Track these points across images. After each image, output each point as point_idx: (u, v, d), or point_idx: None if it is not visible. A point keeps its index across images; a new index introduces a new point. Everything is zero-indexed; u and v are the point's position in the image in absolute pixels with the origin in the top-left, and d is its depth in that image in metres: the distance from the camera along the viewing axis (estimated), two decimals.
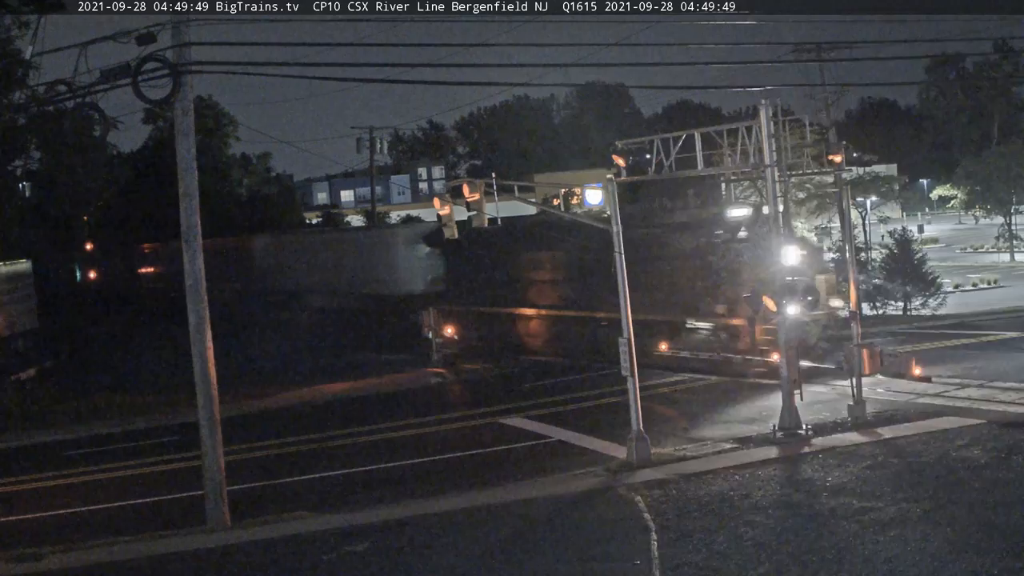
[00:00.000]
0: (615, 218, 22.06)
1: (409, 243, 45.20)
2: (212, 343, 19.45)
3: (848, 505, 17.06)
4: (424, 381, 34.82)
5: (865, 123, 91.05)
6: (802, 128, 34.06)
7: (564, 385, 31.52)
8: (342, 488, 21.78)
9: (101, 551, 18.10)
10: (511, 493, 19.93)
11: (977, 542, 14.84)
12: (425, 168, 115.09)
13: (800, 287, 22.63)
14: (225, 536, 18.61)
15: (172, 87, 18.59)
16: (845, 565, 14.41)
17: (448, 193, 23.35)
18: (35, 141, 37.71)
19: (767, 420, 23.33)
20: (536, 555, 16.07)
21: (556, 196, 26.87)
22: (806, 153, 26.97)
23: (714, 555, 15.27)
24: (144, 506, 21.60)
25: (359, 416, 29.49)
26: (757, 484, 18.92)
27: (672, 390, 29.32)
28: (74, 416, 31.73)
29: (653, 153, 25.23)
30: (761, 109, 22.90)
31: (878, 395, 25.83)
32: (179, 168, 19.24)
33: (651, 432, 21.86)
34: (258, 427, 28.72)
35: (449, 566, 15.85)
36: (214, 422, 19.39)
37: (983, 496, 17.01)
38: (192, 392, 19.83)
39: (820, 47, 54.41)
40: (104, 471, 24.89)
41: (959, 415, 23.14)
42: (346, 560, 16.58)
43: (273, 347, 42.83)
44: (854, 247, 24.45)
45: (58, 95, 21.47)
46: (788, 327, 22.78)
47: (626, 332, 21.65)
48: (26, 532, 20.00)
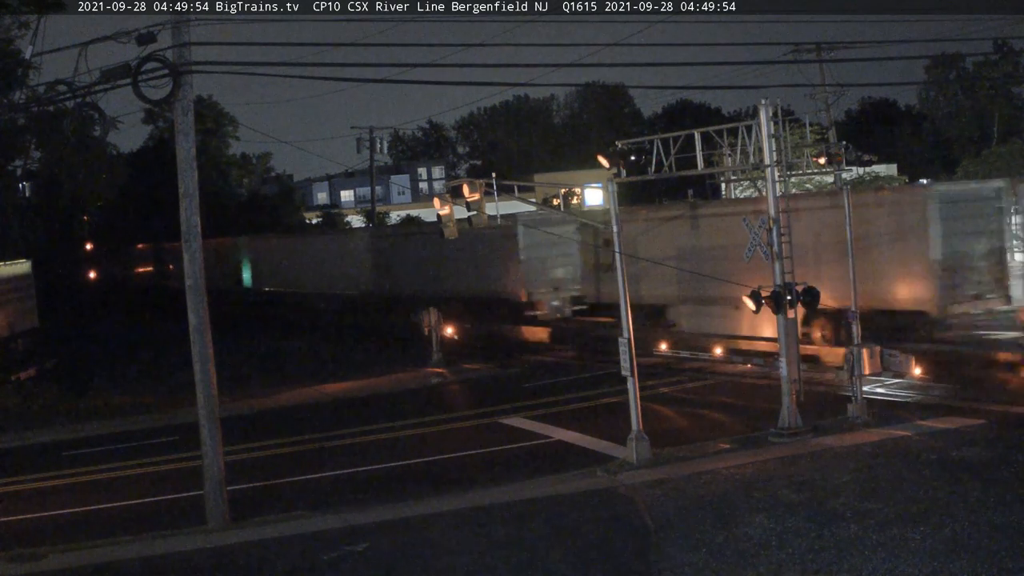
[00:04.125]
0: (615, 218, 22.08)
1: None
2: (211, 344, 19.47)
3: (848, 505, 17.06)
4: (424, 381, 34.81)
5: (865, 123, 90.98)
6: (802, 128, 34.13)
7: (564, 385, 31.51)
8: (342, 488, 21.78)
9: (101, 551, 18.10)
10: (511, 493, 19.93)
11: (977, 542, 14.84)
12: (425, 168, 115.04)
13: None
14: (225, 536, 18.61)
15: (172, 87, 18.61)
16: (845, 565, 14.42)
17: (448, 193, 23.30)
18: (35, 141, 37.69)
19: (767, 420, 23.32)
20: (536, 555, 16.07)
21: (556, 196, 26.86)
22: (806, 153, 26.95)
23: (714, 555, 15.28)
24: (144, 506, 21.59)
25: (359, 416, 29.49)
26: (757, 484, 18.92)
27: (672, 390, 29.31)
28: (74, 416, 31.71)
29: (653, 153, 25.24)
30: (761, 109, 22.90)
31: (878, 395, 25.86)
32: (179, 168, 19.24)
33: (651, 432, 21.86)
34: (258, 427, 28.72)
35: (449, 566, 15.86)
36: (214, 422, 19.41)
37: (983, 496, 17.01)
38: (192, 392, 19.84)
39: (820, 47, 54.48)
40: (104, 471, 24.89)
41: (959, 415, 23.17)
42: (346, 560, 16.59)
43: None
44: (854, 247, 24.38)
45: (58, 95, 21.51)
46: (789, 327, 22.80)
47: (626, 332, 21.65)
48: (26, 532, 20.00)
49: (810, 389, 25.40)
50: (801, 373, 24.00)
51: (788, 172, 26.91)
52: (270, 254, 61.13)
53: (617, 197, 22.88)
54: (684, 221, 34.07)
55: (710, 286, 29.51)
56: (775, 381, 24.10)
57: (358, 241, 54.36)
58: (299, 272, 56.07)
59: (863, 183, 47.98)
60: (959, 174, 50.99)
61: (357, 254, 51.63)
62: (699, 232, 33.68)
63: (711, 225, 33.48)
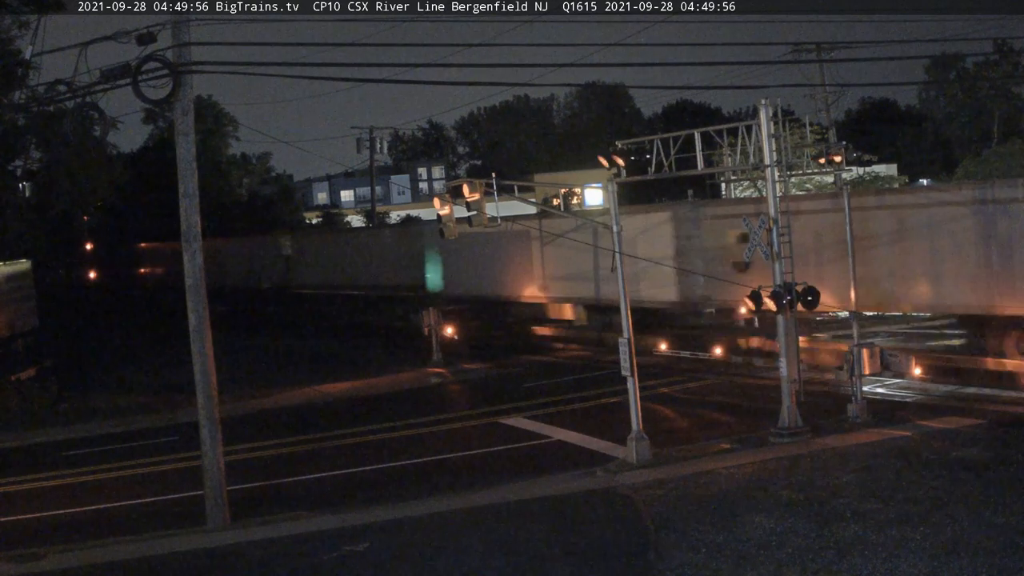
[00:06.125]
0: (615, 218, 22.07)
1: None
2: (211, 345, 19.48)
3: (848, 505, 17.05)
4: (424, 381, 34.82)
5: (865, 123, 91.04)
6: (802, 128, 34.10)
7: (564, 385, 31.51)
8: (342, 488, 21.79)
9: (101, 551, 18.10)
10: (511, 493, 19.93)
11: (977, 542, 14.84)
12: (425, 168, 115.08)
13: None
14: (225, 536, 18.62)
15: (172, 87, 18.63)
16: (845, 565, 14.41)
17: (448, 193, 23.27)
18: (35, 141, 37.67)
19: (767, 420, 23.33)
20: (536, 555, 16.07)
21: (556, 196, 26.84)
22: (806, 153, 26.95)
23: (714, 555, 15.27)
24: (144, 506, 21.59)
25: (359, 416, 29.49)
26: (757, 484, 18.91)
27: (672, 390, 29.31)
28: (74, 416, 31.72)
29: (653, 153, 25.25)
30: (761, 109, 22.90)
31: (878, 395, 25.86)
32: (179, 168, 19.24)
33: (651, 432, 21.86)
34: (258, 427, 28.72)
35: (449, 566, 15.85)
36: (214, 422, 19.41)
37: (983, 496, 17.01)
38: (192, 392, 19.85)
39: (820, 47, 54.53)
40: (104, 471, 24.89)
41: (959, 415, 23.17)
42: (346, 560, 16.58)
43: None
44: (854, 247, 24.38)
45: (58, 95, 21.54)
46: (788, 327, 22.81)
47: (626, 332, 21.66)
48: (26, 532, 20.01)
49: (810, 389, 25.42)
50: (801, 373, 24.02)
51: (788, 172, 26.93)
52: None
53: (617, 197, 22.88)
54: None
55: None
56: (774, 381, 24.11)
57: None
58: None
59: (863, 183, 47.94)
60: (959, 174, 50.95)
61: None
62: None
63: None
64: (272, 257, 58.07)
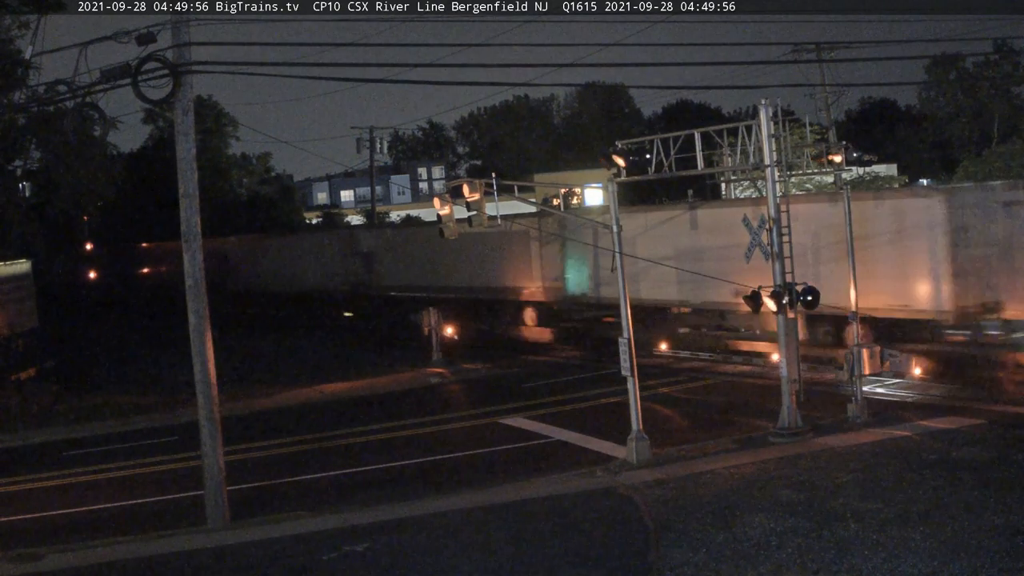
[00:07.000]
0: (614, 218, 22.07)
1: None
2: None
3: (848, 505, 17.06)
4: (424, 381, 34.82)
5: (865, 123, 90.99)
6: (802, 128, 34.08)
7: (564, 385, 31.50)
8: (342, 488, 21.79)
9: (101, 551, 18.11)
10: (511, 493, 19.93)
11: (977, 542, 14.84)
12: (425, 168, 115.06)
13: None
14: (225, 536, 18.62)
15: (172, 87, 18.63)
16: (845, 565, 14.42)
17: (448, 193, 23.27)
18: (35, 141, 37.67)
19: (767, 420, 23.33)
20: (536, 555, 16.07)
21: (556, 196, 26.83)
22: (806, 153, 26.94)
23: (714, 555, 15.27)
24: (144, 506, 21.60)
25: (359, 416, 29.49)
26: (757, 484, 18.92)
27: (672, 390, 29.31)
28: (74, 416, 31.72)
29: (653, 153, 25.24)
30: (761, 109, 22.90)
31: (878, 395, 25.86)
32: (179, 168, 19.26)
33: (651, 432, 21.86)
34: (258, 427, 28.72)
35: (449, 566, 15.85)
36: (214, 422, 19.42)
37: (983, 496, 17.01)
38: (192, 392, 19.85)
39: (820, 47, 54.50)
40: (104, 471, 24.90)
41: (959, 415, 23.17)
42: (346, 560, 16.59)
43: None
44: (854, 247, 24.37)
45: (58, 95, 21.51)
46: (789, 327, 22.80)
47: (626, 332, 21.65)
48: (26, 532, 20.02)
49: (810, 389, 25.41)
50: (801, 373, 24.01)
51: (788, 172, 26.91)
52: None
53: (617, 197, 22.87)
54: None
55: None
56: (774, 381, 24.11)
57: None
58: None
59: (863, 183, 47.92)
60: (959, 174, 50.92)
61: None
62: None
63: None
64: (341, 256, 51.84)
